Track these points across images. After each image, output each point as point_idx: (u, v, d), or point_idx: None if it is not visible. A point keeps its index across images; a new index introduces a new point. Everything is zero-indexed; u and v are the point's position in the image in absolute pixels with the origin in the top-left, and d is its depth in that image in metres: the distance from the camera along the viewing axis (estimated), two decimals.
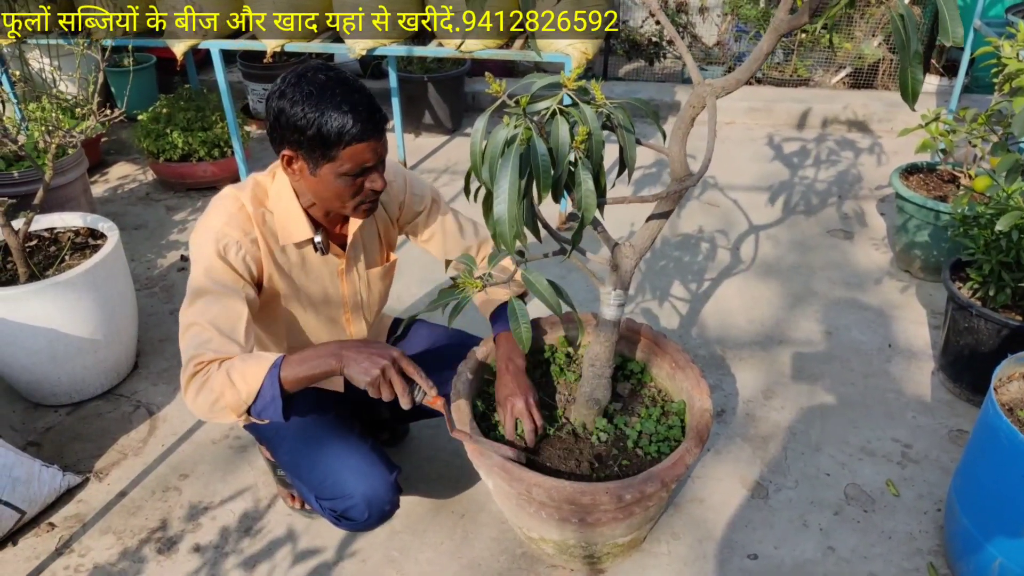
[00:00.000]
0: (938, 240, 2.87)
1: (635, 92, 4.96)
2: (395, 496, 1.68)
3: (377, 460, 1.68)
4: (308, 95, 1.40)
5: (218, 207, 1.57)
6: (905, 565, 1.88)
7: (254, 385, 1.41)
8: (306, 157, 1.46)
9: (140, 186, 3.96)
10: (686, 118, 1.37)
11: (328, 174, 1.46)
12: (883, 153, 4.27)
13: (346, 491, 1.63)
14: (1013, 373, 1.78)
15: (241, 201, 1.57)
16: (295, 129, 1.42)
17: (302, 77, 1.42)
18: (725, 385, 2.48)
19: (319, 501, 1.69)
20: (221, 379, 1.41)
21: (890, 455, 2.20)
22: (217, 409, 1.43)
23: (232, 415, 1.43)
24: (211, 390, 1.41)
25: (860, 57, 4.96)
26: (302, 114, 1.40)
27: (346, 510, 1.65)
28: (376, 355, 1.42)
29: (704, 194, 3.79)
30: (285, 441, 1.75)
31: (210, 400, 1.42)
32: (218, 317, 1.49)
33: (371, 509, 1.64)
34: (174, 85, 4.75)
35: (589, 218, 1.28)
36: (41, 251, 2.44)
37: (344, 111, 1.40)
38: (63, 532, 1.99)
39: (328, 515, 1.70)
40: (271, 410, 1.42)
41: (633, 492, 1.50)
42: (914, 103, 1.08)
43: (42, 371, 2.31)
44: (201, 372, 1.43)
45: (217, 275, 1.51)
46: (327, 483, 1.66)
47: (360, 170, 1.47)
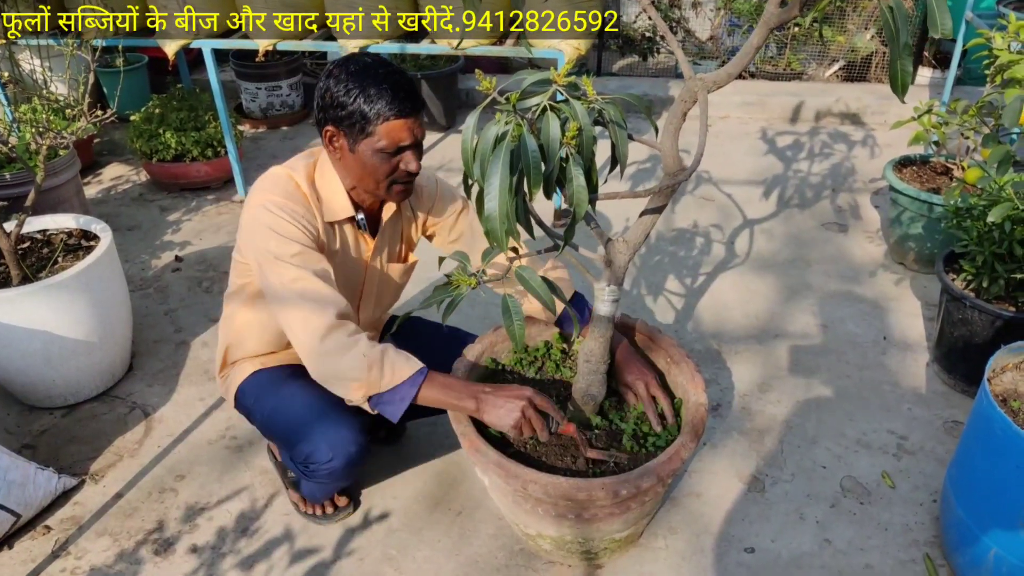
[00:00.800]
0: (932, 232, 2.88)
1: (629, 87, 4.95)
2: (360, 437, 1.69)
3: (344, 411, 1.69)
4: (352, 73, 1.50)
5: (274, 184, 1.61)
6: (901, 556, 1.88)
7: (398, 379, 1.51)
8: (347, 133, 1.54)
9: (133, 187, 3.95)
10: (678, 113, 1.37)
11: (366, 150, 1.54)
12: (876, 146, 4.28)
13: (308, 434, 1.67)
14: (1006, 364, 1.79)
15: (295, 180, 1.63)
16: (338, 105, 1.51)
17: (349, 59, 1.54)
18: (721, 379, 2.48)
19: (289, 454, 1.74)
20: (376, 355, 1.49)
21: (886, 447, 2.21)
22: (349, 376, 1.49)
23: (359, 391, 1.51)
24: (358, 358, 1.48)
25: (853, 50, 4.96)
26: (345, 90, 1.49)
27: (310, 453, 1.68)
28: (513, 398, 1.54)
29: (699, 189, 3.80)
30: (263, 405, 1.80)
31: (352, 365, 1.48)
32: (318, 270, 1.56)
33: (334, 451, 1.66)
34: (166, 85, 4.74)
35: (581, 214, 1.28)
36: (34, 253, 2.43)
37: (383, 88, 1.49)
38: (59, 535, 1.98)
39: (299, 468, 1.75)
40: (392, 407, 1.53)
41: (629, 487, 1.50)
42: (904, 95, 1.08)
43: (36, 373, 2.30)
44: (343, 329, 1.50)
45: (296, 235, 1.56)
46: (293, 431, 1.71)
47: (396, 148, 1.55)
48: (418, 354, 1.61)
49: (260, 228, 1.56)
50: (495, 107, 1.25)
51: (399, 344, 2.06)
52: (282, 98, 4.68)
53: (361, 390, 1.51)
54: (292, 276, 1.53)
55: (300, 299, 1.52)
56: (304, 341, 1.52)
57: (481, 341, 1.91)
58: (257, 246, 1.57)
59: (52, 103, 3.13)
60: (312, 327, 1.50)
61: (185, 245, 3.36)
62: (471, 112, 1.26)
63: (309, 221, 1.60)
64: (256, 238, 1.57)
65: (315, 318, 1.50)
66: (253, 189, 1.63)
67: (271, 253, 1.54)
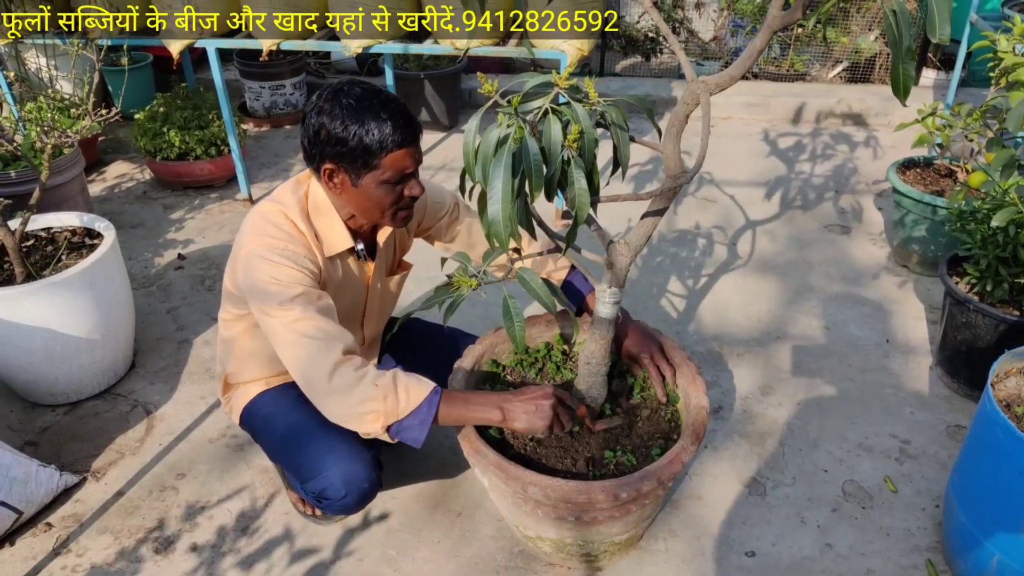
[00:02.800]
0: (935, 235, 2.87)
1: (631, 88, 4.95)
2: (373, 474, 1.69)
3: (356, 442, 1.68)
4: (348, 107, 1.45)
5: (271, 226, 1.56)
6: (903, 562, 1.88)
7: (415, 402, 1.48)
8: (348, 169, 1.50)
9: (137, 185, 3.95)
10: (680, 115, 1.36)
11: (370, 184, 1.51)
12: (880, 147, 4.27)
13: (323, 470, 1.66)
14: (1010, 368, 1.78)
15: (291, 219, 1.58)
16: (337, 142, 1.46)
17: (339, 92, 1.47)
18: (722, 382, 2.48)
19: (302, 485, 1.72)
20: (387, 383, 1.46)
21: (888, 451, 2.20)
22: (363, 409, 1.46)
23: (376, 422, 1.47)
24: (369, 387, 1.45)
25: (856, 51, 4.95)
26: (342, 126, 1.45)
27: (324, 489, 1.67)
28: (539, 399, 1.53)
29: (701, 190, 3.79)
30: (272, 433, 1.78)
31: (364, 397, 1.45)
32: (321, 308, 1.53)
33: (348, 487, 1.65)
34: (171, 84, 4.74)
35: (583, 217, 1.28)
36: (38, 251, 2.43)
37: (383, 119, 1.45)
38: (60, 532, 1.99)
39: (311, 499, 1.74)
40: (414, 432, 1.50)
41: (630, 491, 1.50)
42: (906, 99, 1.08)
43: (39, 371, 2.30)
44: (349, 364, 1.47)
45: (297, 278, 1.53)
46: (307, 465, 1.69)
47: (400, 177, 1.52)
48: (419, 356, 1.62)
49: (260, 277, 1.52)
50: (497, 109, 1.25)
51: (399, 345, 2.07)
52: (285, 97, 4.69)
53: (379, 421, 1.48)
54: (294, 317, 1.49)
55: (305, 339, 1.48)
56: (312, 382, 1.49)
57: (482, 342, 1.91)
58: (258, 295, 1.53)
59: (57, 102, 3.13)
60: (319, 368, 1.47)
61: (188, 243, 3.37)
62: (474, 113, 1.26)
63: (310, 259, 1.57)
64: (256, 287, 1.53)
65: (321, 357, 1.47)
66: (246, 230, 1.58)
67: (273, 300, 1.51)
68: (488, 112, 1.24)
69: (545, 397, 1.54)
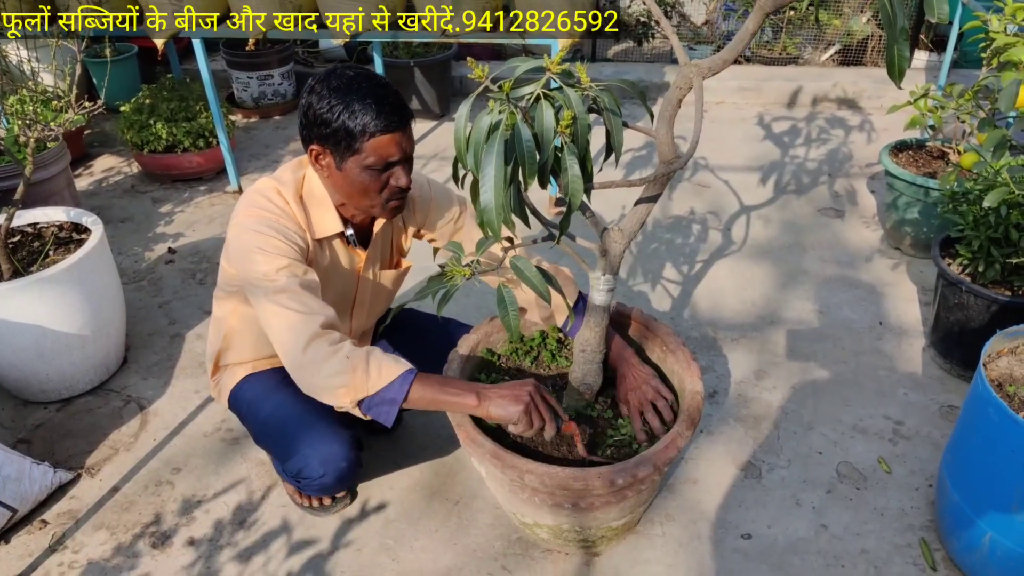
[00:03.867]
0: (928, 217, 2.87)
1: (624, 73, 4.93)
2: (351, 453, 1.69)
3: (334, 422, 1.69)
4: (335, 88, 1.45)
5: (265, 200, 1.58)
6: (897, 541, 1.89)
7: (386, 379, 1.46)
8: (332, 150, 1.50)
9: (125, 178, 3.92)
10: (673, 100, 1.35)
11: (353, 167, 1.50)
12: (873, 130, 4.26)
13: (300, 449, 1.67)
14: (1002, 348, 1.78)
15: (284, 195, 1.59)
16: (322, 122, 1.46)
17: (331, 74, 1.48)
18: (717, 366, 2.48)
19: (283, 466, 1.74)
20: (359, 358, 1.45)
21: (882, 432, 2.21)
22: (334, 383, 1.45)
23: (346, 396, 1.46)
24: (342, 360, 1.44)
25: (849, 34, 4.94)
26: (328, 106, 1.45)
27: (301, 469, 1.68)
28: (517, 390, 1.52)
29: (695, 176, 3.78)
30: (255, 415, 1.79)
31: (336, 370, 1.44)
32: (305, 283, 1.52)
33: (326, 467, 1.66)
34: (156, 75, 4.69)
35: (576, 203, 1.27)
36: (24, 247, 2.41)
37: (368, 103, 1.44)
38: (56, 529, 1.98)
39: (291, 480, 1.75)
40: (383, 410, 1.48)
41: (625, 476, 1.50)
42: (901, 80, 1.07)
43: (30, 368, 2.29)
44: (325, 338, 1.46)
45: (283, 250, 1.53)
46: (283, 444, 1.70)
47: (384, 164, 1.50)
48: (413, 346, 1.61)
49: (247, 246, 1.53)
50: (488, 95, 1.24)
51: (394, 336, 2.06)
52: (274, 87, 4.64)
53: (349, 395, 1.46)
54: (277, 288, 1.49)
55: (285, 311, 1.48)
56: (288, 352, 1.49)
57: (476, 331, 1.91)
58: (244, 264, 1.54)
59: (40, 95, 3.09)
60: (296, 338, 1.46)
61: (178, 237, 3.34)
62: (464, 100, 1.24)
63: (299, 236, 1.57)
64: (243, 256, 1.54)
65: (300, 328, 1.46)
66: (241, 203, 1.60)
67: (258, 270, 1.51)
68: (479, 99, 1.22)
69: (524, 386, 1.53)
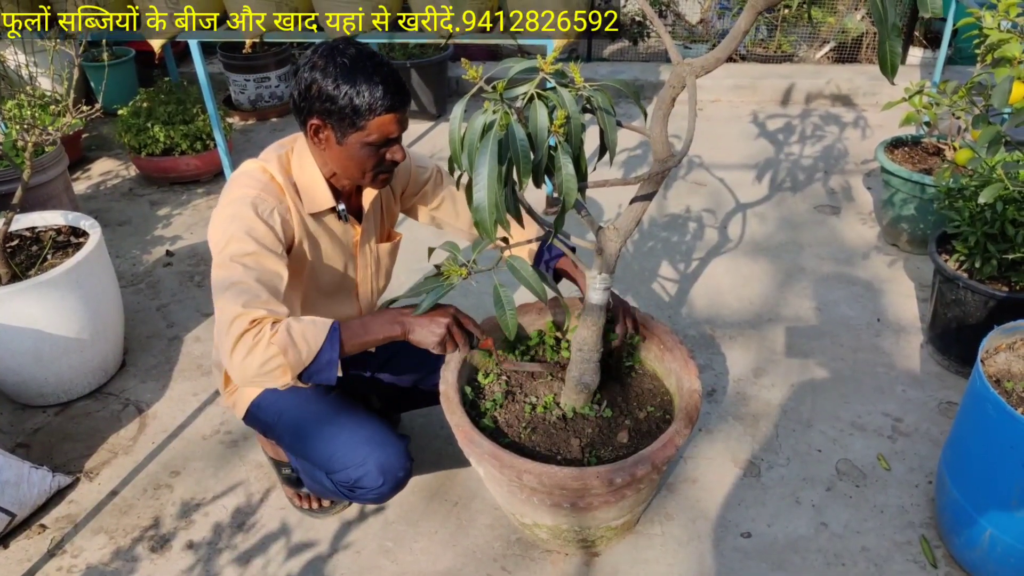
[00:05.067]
0: (924, 213, 2.87)
1: (619, 73, 4.93)
2: (408, 463, 1.69)
3: (387, 429, 1.70)
4: (342, 66, 1.46)
5: (247, 177, 1.58)
6: (897, 538, 1.89)
7: (315, 346, 1.46)
8: (335, 126, 1.51)
9: (123, 182, 3.92)
10: (666, 98, 1.35)
11: (354, 143, 1.52)
12: (868, 127, 4.27)
13: (358, 459, 1.64)
14: (1000, 344, 1.79)
15: (270, 172, 1.60)
16: (327, 98, 1.47)
17: (334, 50, 1.49)
18: (715, 364, 2.48)
19: (330, 476, 1.70)
20: (282, 337, 1.43)
21: (881, 429, 2.21)
22: (268, 369, 1.44)
23: (286, 376, 1.45)
24: (267, 348, 1.42)
25: (843, 31, 4.94)
26: (334, 84, 1.46)
27: (359, 479, 1.65)
28: (437, 316, 1.56)
29: (691, 174, 3.78)
30: (290, 424, 1.75)
31: (264, 358, 1.43)
32: (263, 276, 1.50)
33: (385, 476, 1.65)
34: (154, 79, 4.69)
35: (571, 202, 1.27)
36: (23, 251, 2.41)
37: (375, 83, 1.46)
38: (55, 533, 1.98)
39: (341, 490, 1.72)
40: (325, 373, 1.48)
41: (624, 475, 1.50)
42: (893, 76, 1.07)
43: (28, 372, 2.29)
44: (253, 330, 1.44)
45: (259, 235, 1.52)
46: (338, 455, 1.67)
47: (384, 141, 1.53)
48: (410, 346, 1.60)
49: (223, 224, 1.52)
50: (482, 95, 1.24)
51: None
52: (271, 89, 4.65)
53: (287, 374, 1.45)
54: (229, 279, 1.47)
55: (230, 303, 1.45)
56: (222, 350, 1.47)
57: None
58: (216, 242, 1.53)
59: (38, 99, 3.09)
60: (229, 336, 1.44)
61: (176, 239, 3.34)
62: (459, 101, 1.25)
63: (282, 216, 1.56)
64: (217, 234, 1.53)
65: (233, 326, 1.44)
66: (226, 186, 1.60)
67: (227, 251, 1.50)
68: (474, 99, 1.22)
69: (443, 316, 1.57)
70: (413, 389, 1.99)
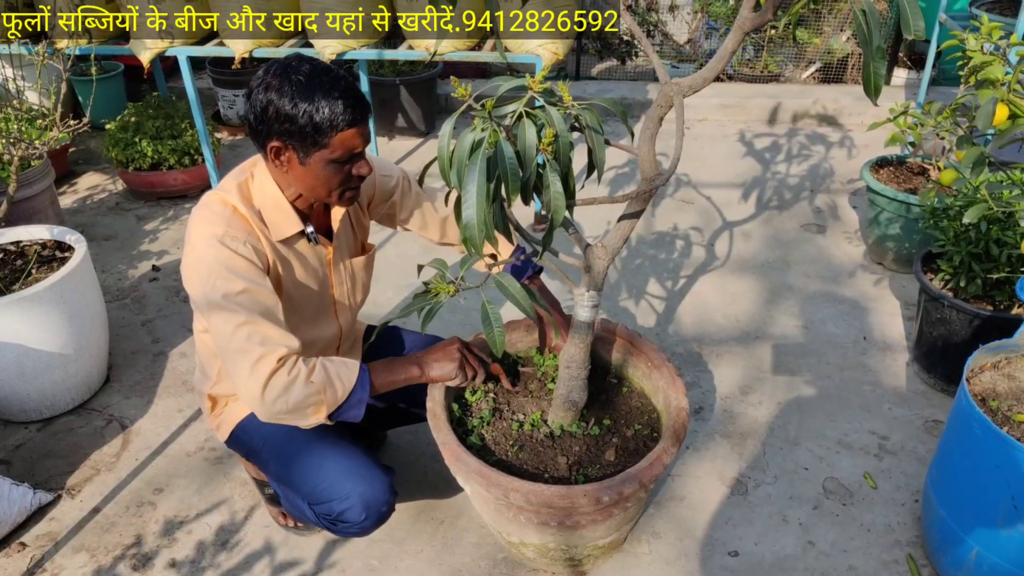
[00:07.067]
0: (909, 232, 2.90)
1: (607, 91, 4.96)
2: (391, 497, 1.67)
3: (372, 462, 1.68)
4: (298, 84, 1.42)
5: (211, 214, 1.53)
6: (884, 557, 1.89)
7: (348, 385, 1.53)
8: (296, 147, 1.47)
9: (110, 196, 3.90)
10: (654, 117, 1.37)
11: (318, 162, 1.48)
12: (854, 147, 4.31)
13: (341, 492, 1.62)
14: (985, 363, 1.80)
15: (231, 203, 1.55)
16: (286, 119, 1.43)
17: (287, 68, 1.44)
18: (703, 382, 2.48)
19: (312, 507, 1.67)
20: (320, 375, 1.49)
21: (867, 447, 2.22)
22: (305, 406, 1.48)
23: (320, 413, 1.51)
24: (306, 386, 1.47)
25: (829, 52, 5.00)
26: (292, 104, 1.42)
27: (342, 512, 1.62)
28: (447, 349, 1.67)
29: (678, 192, 3.81)
30: (274, 451, 1.73)
31: (302, 396, 1.47)
32: (263, 311, 1.50)
33: (368, 510, 1.62)
34: (142, 93, 4.68)
35: (559, 220, 1.27)
36: (7, 265, 2.39)
37: (335, 98, 1.43)
38: (35, 551, 1.95)
39: (323, 522, 1.69)
40: (353, 411, 1.55)
41: (611, 494, 1.50)
42: (877, 98, 1.08)
43: (10, 387, 2.26)
44: (283, 369, 1.46)
45: (242, 270, 1.49)
46: (321, 487, 1.64)
47: (348, 156, 1.50)
48: None
49: (202, 267, 1.48)
50: (471, 113, 1.24)
51: (379, 354, 2.04)
52: None
53: (321, 413, 1.50)
54: (234, 322, 1.45)
55: (246, 344, 1.45)
56: (248, 391, 1.46)
57: None
58: (201, 287, 1.48)
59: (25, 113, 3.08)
60: (256, 377, 1.44)
61: (163, 254, 3.32)
62: (448, 118, 1.25)
63: (252, 244, 1.53)
64: (198, 279, 1.49)
65: (260, 366, 1.44)
66: (190, 223, 1.55)
67: (217, 294, 1.46)
68: (463, 117, 1.23)
69: (451, 344, 1.68)
70: (399, 407, 1.98)
